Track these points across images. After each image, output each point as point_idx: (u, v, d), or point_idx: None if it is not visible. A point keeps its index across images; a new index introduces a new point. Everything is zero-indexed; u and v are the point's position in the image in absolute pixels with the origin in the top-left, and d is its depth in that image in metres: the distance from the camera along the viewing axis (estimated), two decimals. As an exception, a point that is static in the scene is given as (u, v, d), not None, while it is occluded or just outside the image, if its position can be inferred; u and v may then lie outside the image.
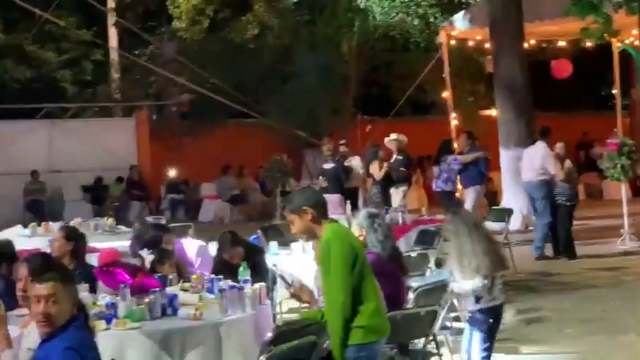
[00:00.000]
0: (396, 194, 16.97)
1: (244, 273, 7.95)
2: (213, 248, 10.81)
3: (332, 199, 16.20)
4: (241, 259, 8.73)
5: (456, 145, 18.95)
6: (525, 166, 15.57)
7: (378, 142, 18.66)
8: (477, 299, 7.07)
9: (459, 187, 17.80)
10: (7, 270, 8.38)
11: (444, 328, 8.05)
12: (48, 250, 8.76)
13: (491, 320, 7.11)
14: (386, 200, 16.54)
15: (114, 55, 28.52)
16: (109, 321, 6.69)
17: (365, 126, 25.66)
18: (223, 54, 25.70)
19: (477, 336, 7.13)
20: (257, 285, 7.44)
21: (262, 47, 25.97)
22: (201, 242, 11.27)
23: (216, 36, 26.46)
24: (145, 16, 28.75)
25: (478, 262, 6.93)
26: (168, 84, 26.69)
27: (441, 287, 7.69)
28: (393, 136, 17.58)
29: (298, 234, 5.89)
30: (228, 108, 24.49)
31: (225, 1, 26.69)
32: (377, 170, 16.95)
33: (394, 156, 17.46)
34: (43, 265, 6.66)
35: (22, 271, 7.01)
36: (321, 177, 17.68)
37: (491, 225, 12.91)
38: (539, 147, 15.27)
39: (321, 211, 5.75)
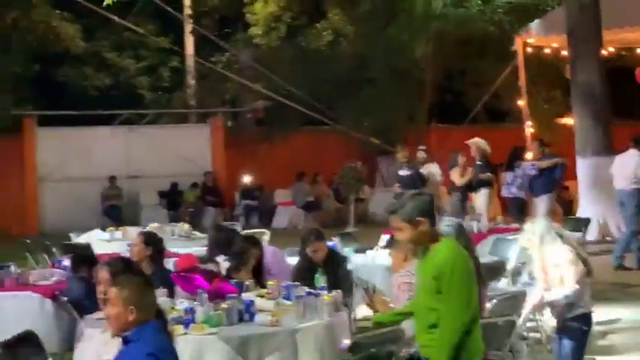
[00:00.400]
0: (480, 197, 16.80)
1: (320, 280, 7.96)
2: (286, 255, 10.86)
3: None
4: (324, 255, 8.73)
5: (528, 153, 18.74)
6: (617, 174, 15.17)
7: (454, 149, 18.55)
8: (570, 307, 6.97)
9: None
10: (88, 273, 8.53)
11: (521, 338, 7.98)
12: (126, 255, 8.88)
13: (584, 328, 7.02)
14: (465, 208, 16.46)
15: (190, 62, 28.79)
16: (186, 326, 6.74)
17: (440, 133, 25.54)
18: (298, 61, 25.79)
19: (570, 345, 7.02)
20: (334, 292, 7.45)
21: (337, 54, 26.01)
22: (275, 248, 11.29)
23: (292, 43, 26.56)
24: (222, 22, 28.97)
25: (564, 271, 6.85)
26: (244, 91, 26.85)
27: (518, 296, 7.62)
28: (475, 139, 17.41)
29: (407, 243, 5.69)
30: (303, 115, 24.57)
31: (301, 9, 26.79)
32: (457, 177, 16.84)
33: (476, 162, 17.32)
34: (123, 269, 6.77)
35: (102, 274, 7.13)
36: (396, 184, 17.66)
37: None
38: (632, 155, 14.90)
39: (433, 222, 5.57)
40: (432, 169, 18.07)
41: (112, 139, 25.06)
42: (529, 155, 18.52)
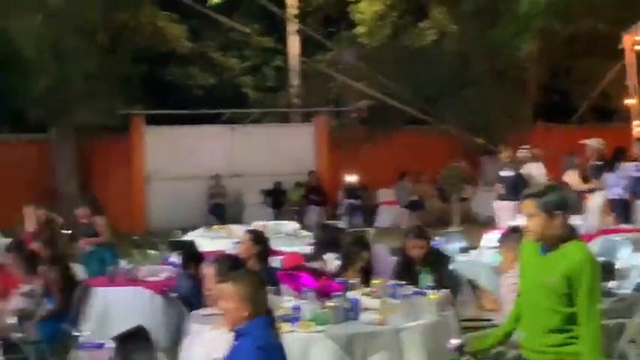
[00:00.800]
0: (595, 198, 16.51)
1: (426, 279, 7.94)
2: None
3: (507, 205, 16.08)
4: (422, 253, 8.70)
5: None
6: None
7: (559, 149, 18.31)
8: None
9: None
10: (196, 270, 8.67)
11: (631, 341, 7.83)
12: (232, 252, 8.98)
13: None
14: (578, 208, 16.20)
15: (294, 62, 28.95)
16: (293, 323, 6.80)
17: (544, 132, 25.19)
18: (402, 60, 25.72)
19: None
20: (441, 292, 7.43)
21: (440, 53, 25.87)
22: (380, 246, 11.30)
23: (396, 42, 26.49)
24: (326, 22, 29.07)
25: None
26: (347, 90, 26.89)
27: (628, 298, 7.49)
28: (591, 140, 17.09)
29: (533, 232, 5.31)
30: (407, 114, 24.51)
31: (407, 8, 26.70)
32: (575, 180, 16.53)
33: (591, 162, 17.02)
34: (231, 266, 6.87)
35: (210, 271, 7.23)
36: (499, 184, 17.51)
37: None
38: None
39: (567, 220, 5.32)
40: (532, 170, 17.78)
41: (216, 138, 25.32)
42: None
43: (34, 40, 21.61)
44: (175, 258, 10.14)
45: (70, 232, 14.00)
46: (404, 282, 8.01)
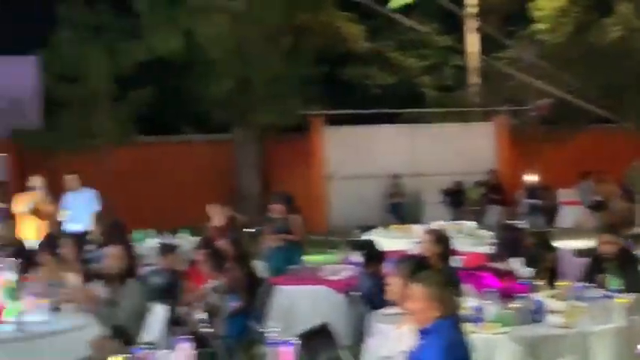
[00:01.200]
0: None
1: (615, 281, 7.74)
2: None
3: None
4: (614, 251, 8.50)
5: None
6: None
7: None
8: None
9: None
10: (377, 269, 8.72)
11: None
12: (416, 252, 8.97)
13: None
14: None
15: (473, 60, 28.72)
16: (476, 324, 6.75)
17: None
18: (585, 58, 25.10)
19: None
20: (630, 295, 7.23)
21: (627, 50, 25.09)
22: (562, 248, 11.10)
23: (579, 39, 25.86)
24: (505, 19, 28.71)
25: None
26: (527, 88, 26.46)
27: None
28: None
29: None
30: (591, 113, 23.91)
31: (589, 3, 26.04)
32: None
33: None
34: (416, 266, 6.86)
35: (394, 271, 7.25)
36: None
37: None
38: None
39: None
40: None
41: (395, 137, 25.37)
42: None
43: (219, 44, 22.19)
44: (355, 257, 10.21)
45: (252, 230, 14.29)
46: (591, 284, 7.84)
